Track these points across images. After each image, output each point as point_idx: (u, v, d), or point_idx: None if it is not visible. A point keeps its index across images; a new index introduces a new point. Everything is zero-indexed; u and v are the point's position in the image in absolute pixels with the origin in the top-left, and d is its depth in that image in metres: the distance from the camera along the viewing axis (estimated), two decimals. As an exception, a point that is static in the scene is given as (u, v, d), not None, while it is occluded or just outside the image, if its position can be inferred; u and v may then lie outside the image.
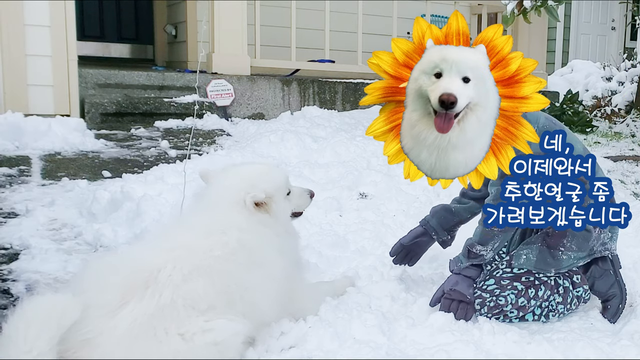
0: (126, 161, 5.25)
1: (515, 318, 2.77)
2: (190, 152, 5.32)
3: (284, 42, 7.66)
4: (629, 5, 8.19)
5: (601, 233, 2.81)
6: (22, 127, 5.46)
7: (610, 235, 2.84)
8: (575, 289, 2.82)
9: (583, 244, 2.77)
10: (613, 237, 2.86)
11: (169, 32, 8.92)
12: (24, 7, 5.85)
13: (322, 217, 4.00)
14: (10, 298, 2.92)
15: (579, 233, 2.66)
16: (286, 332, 2.48)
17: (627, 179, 5.41)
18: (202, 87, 6.90)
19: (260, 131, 5.97)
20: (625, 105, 7.91)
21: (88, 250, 3.56)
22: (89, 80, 6.67)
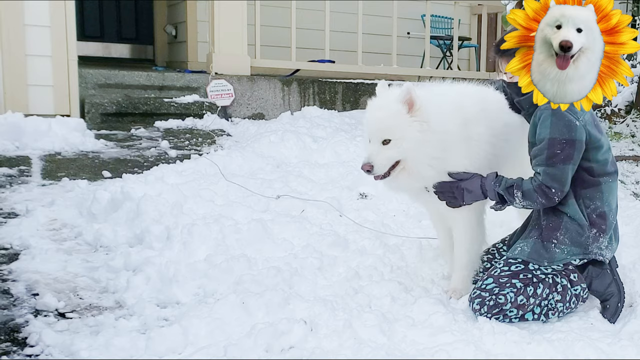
0: (126, 161, 5.25)
1: (515, 317, 2.77)
2: (190, 152, 5.32)
3: (284, 42, 7.65)
4: (628, 5, 8.17)
5: (599, 237, 2.82)
6: (22, 127, 5.45)
7: (607, 243, 2.86)
8: (573, 287, 2.83)
9: (576, 238, 2.81)
10: (609, 247, 2.88)
11: (169, 32, 8.92)
12: (24, 7, 5.85)
13: (322, 217, 4.00)
14: (10, 298, 2.92)
15: (572, 227, 2.81)
16: (286, 332, 2.48)
17: (627, 179, 5.41)
18: (202, 87, 6.90)
19: (260, 131, 5.97)
20: (625, 106, 7.90)
21: (88, 250, 3.56)
22: (89, 81, 6.66)
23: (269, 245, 3.49)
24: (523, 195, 2.79)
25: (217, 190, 4.18)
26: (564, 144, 2.70)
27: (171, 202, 3.84)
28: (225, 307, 2.68)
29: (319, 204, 4.12)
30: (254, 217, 3.74)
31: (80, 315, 2.81)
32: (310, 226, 3.77)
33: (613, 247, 2.91)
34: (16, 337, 2.57)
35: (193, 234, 3.43)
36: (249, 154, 5.07)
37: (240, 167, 4.78)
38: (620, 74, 2.62)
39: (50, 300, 2.85)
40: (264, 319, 2.62)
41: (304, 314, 2.65)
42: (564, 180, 2.74)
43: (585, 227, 2.81)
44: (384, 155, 2.76)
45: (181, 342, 2.48)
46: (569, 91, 2.62)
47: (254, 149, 5.28)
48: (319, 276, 3.16)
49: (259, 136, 5.69)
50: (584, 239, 2.81)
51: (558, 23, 2.57)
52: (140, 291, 2.98)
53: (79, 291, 3.05)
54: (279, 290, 2.84)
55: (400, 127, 2.75)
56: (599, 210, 2.83)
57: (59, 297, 2.93)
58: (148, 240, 3.49)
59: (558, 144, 2.70)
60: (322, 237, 3.63)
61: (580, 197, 2.83)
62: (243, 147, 5.41)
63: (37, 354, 2.45)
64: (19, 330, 2.62)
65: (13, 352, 2.45)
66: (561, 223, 2.82)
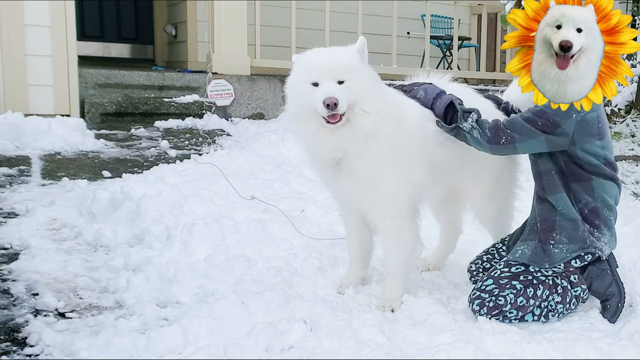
0: (126, 161, 5.25)
1: (514, 318, 2.76)
2: (190, 152, 5.32)
3: (284, 42, 7.65)
4: (628, 5, 8.17)
5: (594, 231, 2.83)
6: (22, 127, 5.46)
7: (606, 240, 2.84)
8: (573, 289, 2.82)
9: (573, 234, 2.81)
10: (609, 244, 2.87)
11: (169, 32, 8.92)
12: (24, 7, 5.85)
13: (322, 217, 4.00)
14: (10, 298, 2.92)
15: (566, 224, 2.81)
16: (286, 332, 2.48)
17: (627, 179, 5.41)
18: (202, 87, 6.90)
19: (260, 131, 5.97)
20: (625, 105, 7.89)
21: (88, 250, 3.56)
22: (89, 80, 6.66)
23: (269, 245, 3.49)
24: (477, 121, 2.79)
25: (217, 190, 4.18)
26: (549, 121, 2.72)
27: (171, 202, 3.84)
28: (225, 307, 2.68)
29: (319, 203, 4.12)
30: (254, 217, 3.74)
31: (80, 315, 2.80)
32: (310, 226, 3.77)
33: (612, 244, 2.90)
34: (16, 337, 2.56)
35: (193, 234, 3.43)
36: (248, 154, 5.07)
37: (240, 167, 4.78)
38: (620, 74, 2.64)
39: (50, 300, 2.85)
40: (264, 318, 2.62)
41: (304, 313, 2.65)
42: (523, 137, 2.75)
43: (578, 221, 2.81)
44: (342, 93, 2.63)
45: (181, 342, 2.47)
46: (569, 91, 2.63)
47: (254, 149, 5.28)
48: (319, 276, 3.15)
49: (259, 136, 5.69)
50: (580, 234, 2.81)
51: (558, 23, 2.58)
52: (140, 291, 2.98)
53: (78, 291, 3.05)
54: (279, 290, 2.84)
55: (355, 67, 2.69)
56: (590, 206, 2.83)
57: (59, 297, 2.93)
58: (148, 240, 3.49)
59: (544, 117, 2.73)
60: (322, 237, 3.63)
61: (571, 190, 2.83)
62: (243, 147, 5.41)
63: (37, 353, 2.44)
64: (19, 330, 2.62)
65: (13, 352, 2.45)
66: (555, 222, 2.82)
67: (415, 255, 3.01)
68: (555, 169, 2.84)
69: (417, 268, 3.33)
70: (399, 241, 2.87)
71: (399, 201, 2.82)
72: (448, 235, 3.45)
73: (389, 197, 2.80)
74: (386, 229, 2.87)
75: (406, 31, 9.27)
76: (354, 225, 3.07)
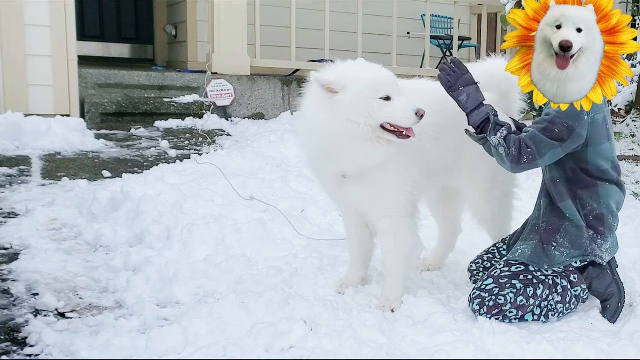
0: (126, 161, 5.25)
1: (514, 318, 2.76)
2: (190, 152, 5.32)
3: (284, 42, 7.65)
4: (628, 5, 8.17)
5: (597, 239, 2.82)
6: (22, 127, 5.46)
7: (608, 246, 2.85)
8: (573, 288, 2.82)
9: (576, 241, 2.81)
10: (610, 251, 2.87)
11: (169, 32, 8.92)
12: (24, 7, 5.85)
13: (322, 217, 4.00)
14: (10, 298, 2.92)
15: (572, 230, 2.81)
16: (286, 332, 2.48)
17: (627, 179, 5.41)
18: (202, 87, 6.91)
19: (260, 131, 5.97)
20: (625, 105, 7.90)
21: (88, 250, 3.57)
22: (89, 80, 6.66)
23: (269, 245, 3.49)
24: (505, 138, 2.74)
25: (217, 190, 4.18)
26: (564, 127, 2.70)
27: (171, 202, 3.84)
28: (225, 307, 2.68)
29: (319, 203, 4.12)
30: (254, 217, 3.74)
31: (80, 315, 2.81)
32: (310, 226, 3.78)
33: (613, 250, 2.90)
34: (16, 337, 2.56)
35: (193, 234, 3.43)
36: (248, 154, 5.08)
37: (240, 167, 4.78)
38: (620, 74, 2.63)
39: (50, 300, 2.85)
40: (264, 318, 2.62)
41: (304, 313, 2.65)
42: (543, 152, 2.72)
43: (583, 229, 2.81)
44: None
45: (181, 342, 2.47)
46: (569, 91, 2.62)
47: (254, 149, 5.28)
48: (319, 276, 3.15)
49: (259, 136, 5.69)
50: (583, 241, 2.81)
51: (558, 23, 2.58)
52: (140, 291, 2.98)
53: (79, 291, 3.05)
54: (279, 290, 2.84)
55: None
56: (595, 212, 2.83)
57: (59, 297, 2.93)
58: (148, 240, 3.49)
59: (559, 124, 2.71)
60: (322, 237, 3.63)
61: (576, 197, 2.83)
62: (243, 147, 5.41)
63: (37, 353, 2.44)
64: (19, 330, 2.62)
65: (13, 352, 2.45)
66: (561, 226, 2.82)
67: (415, 255, 3.00)
68: (561, 177, 2.84)
69: (417, 268, 3.33)
70: (398, 240, 2.86)
71: (397, 200, 2.82)
72: (447, 235, 3.46)
73: (387, 195, 2.79)
74: (385, 228, 2.87)
75: (406, 31, 9.27)
76: (355, 227, 3.07)
